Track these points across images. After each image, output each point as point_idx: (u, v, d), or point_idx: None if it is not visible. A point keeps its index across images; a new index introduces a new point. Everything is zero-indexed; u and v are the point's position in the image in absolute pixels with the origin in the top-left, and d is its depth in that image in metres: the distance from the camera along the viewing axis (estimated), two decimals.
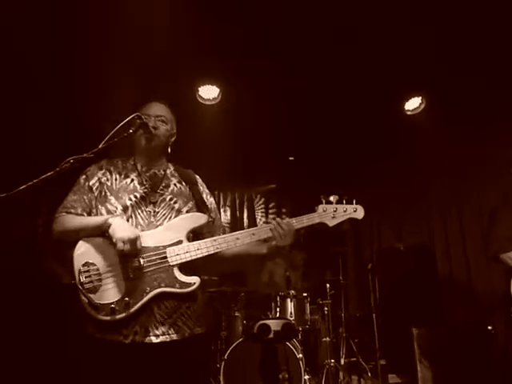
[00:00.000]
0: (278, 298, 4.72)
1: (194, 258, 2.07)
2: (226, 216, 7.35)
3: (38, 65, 4.01)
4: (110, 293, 1.94)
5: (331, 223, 2.26)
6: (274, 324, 3.17)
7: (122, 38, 3.77)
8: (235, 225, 7.19)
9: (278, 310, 4.66)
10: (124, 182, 2.18)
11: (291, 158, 6.80)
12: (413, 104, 5.30)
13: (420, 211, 6.52)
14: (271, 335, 2.78)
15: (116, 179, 2.19)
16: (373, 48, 4.42)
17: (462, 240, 5.79)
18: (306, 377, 4.24)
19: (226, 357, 4.19)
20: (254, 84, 4.96)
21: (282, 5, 3.91)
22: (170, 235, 2.08)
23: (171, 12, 3.68)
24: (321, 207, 2.25)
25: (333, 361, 4.69)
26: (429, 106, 5.23)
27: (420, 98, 5.25)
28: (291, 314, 4.64)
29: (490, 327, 4.36)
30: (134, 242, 1.94)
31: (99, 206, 2.12)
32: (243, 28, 4.13)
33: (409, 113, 5.34)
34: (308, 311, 4.75)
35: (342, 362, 5.02)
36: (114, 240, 1.94)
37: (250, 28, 4.14)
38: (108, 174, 2.20)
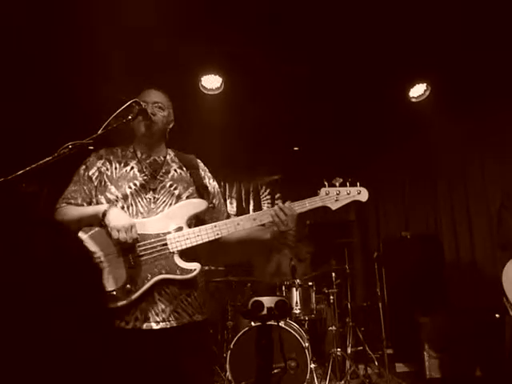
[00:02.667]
0: (284, 288, 4.73)
1: (194, 244, 2.06)
2: (232, 207, 7.37)
3: (37, 50, 4.04)
4: (111, 280, 1.95)
5: (334, 206, 2.20)
6: (268, 301, 3.14)
7: (122, 26, 3.75)
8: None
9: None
10: (124, 170, 2.18)
11: (296, 148, 6.78)
12: (417, 91, 5.24)
13: (426, 199, 6.49)
14: (264, 311, 2.76)
15: (116, 168, 2.19)
16: (376, 34, 4.36)
17: (469, 227, 5.76)
18: (313, 365, 4.24)
19: (231, 346, 4.19)
20: (257, 73, 4.92)
21: None
22: (171, 222, 2.07)
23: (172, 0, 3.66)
24: (323, 190, 2.20)
25: (339, 350, 4.68)
26: (434, 93, 5.17)
27: (425, 84, 5.18)
28: (297, 303, 4.65)
29: (497, 315, 4.32)
30: (128, 230, 1.95)
31: (99, 196, 2.13)
32: (245, 15, 4.09)
33: (413, 100, 5.29)
34: (314, 300, 4.75)
35: (349, 350, 5.01)
36: (108, 229, 1.95)
37: (252, 15, 4.10)
38: (107, 163, 2.20)
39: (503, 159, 5.21)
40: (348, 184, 2.23)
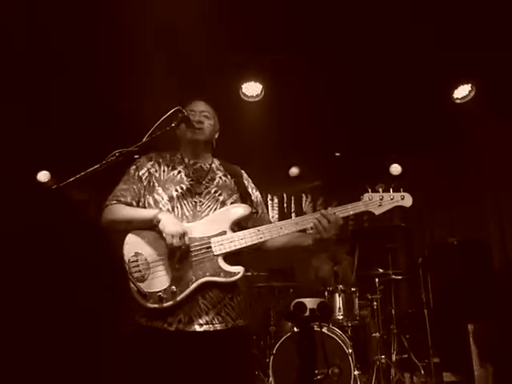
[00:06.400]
0: (327, 293, 4.69)
1: (238, 247, 2.10)
2: (273, 214, 7.37)
3: (87, 63, 4.22)
4: (157, 281, 2.01)
5: (377, 211, 2.19)
6: (310, 302, 3.12)
7: (164, 36, 3.86)
8: None
9: None
10: (171, 173, 2.25)
11: (337, 154, 6.74)
12: (462, 92, 5.12)
13: (473, 203, 6.29)
14: (307, 313, 2.74)
15: (164, 171, 2.26)
16: (419, 35, 4.30)
17: None
18: (356, 372, 4.17)
19: (274, 351, 4.20)
20: (297, 79, 4.95)
21: None
22: (215, 226, 2.12)
23: (212, 10, 3.74)
24: (366, 196, 2.20)
25: (383, 357, 4.59)
26: (479, 94, 5.04)
27: (469, 85, 5.06)
28: (339, 308, 4.60)
29: None
30: (182, 236, 2.00)
31: (147, 196, 2.20)
32: (285, 23, 4.13)
33: (458, 101, 5.17)
34: (357, 306, 4.68)
35: (394, 358, 4.90)
36: (163, 235, 2.00)
37: (292, 22, 4.14)
38: (157, 165, 2.28)
39: None
40: (391, 189, 2.22)
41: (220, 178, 2.32)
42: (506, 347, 4.40)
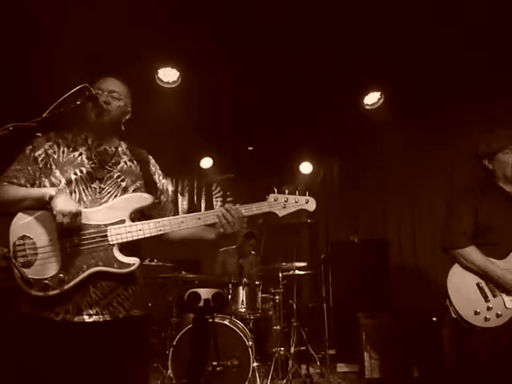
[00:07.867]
0: (230, 286, 4.71)
1: (134, 238, 2.01)
2: (183, 203, 7.28)
3: None
4: (44, 268, 1.88)
5: (281, 213, 2.20)
6: (205, 292, 3.11)
7: (78, 12, 3.64)
8: (193, 212, 7.12)
9: (229, 297, 4.65)
10: (71, 155, 2.10)
11: (250, 148, 6.80)
12: (372, 98, 5.36)
13: (376, 205, 6.65)
14: (201, 303, 2.73)
15: (63, 152, 2.10)
16: (334, 43, 4.45)
17: (414, 233, 5.96)
18: (255, 364, 4.27)
19: (174, 343, 4.16)
20: (215, 70, 4.90)
21: None
22: (113, 214, 2.02)
23: None
24: (272, 196, 2.19)
25: (282, 349, 4.72)
26: (387, 101, 5.31)
27: (379, 92, 5.31)
28: (243, 301, 4.65)
29: (434, 318, 4.49)
30: (74, 215, 1.87)
31: (43, 179, 2.05)
32: (204, 12, 4.07)
33: (367, 107, 5.41)
34: (259, 299, 4.77)
35: (292, 350, 5.06)
36: (54, 212, 1.86)
37: (212, 12, 4.08)
38: (55, 146, 2.12)
39: (448, 168, 5.41)
40: (297, 192, 2.24)
41: (125, 162, 2.21)
42: (393, 339, 4.70)
